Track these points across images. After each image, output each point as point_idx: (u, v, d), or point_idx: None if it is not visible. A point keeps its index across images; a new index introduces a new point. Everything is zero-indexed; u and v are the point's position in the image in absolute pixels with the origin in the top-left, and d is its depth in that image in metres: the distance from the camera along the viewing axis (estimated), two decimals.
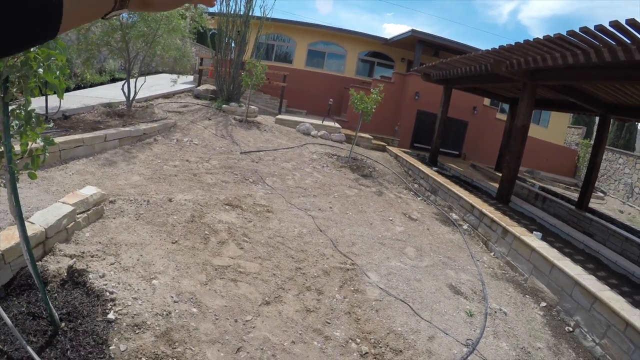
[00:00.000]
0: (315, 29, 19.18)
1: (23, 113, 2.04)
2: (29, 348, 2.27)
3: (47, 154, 2.30)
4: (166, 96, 13.01)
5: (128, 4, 0.63)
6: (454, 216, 7.82)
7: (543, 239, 5.93)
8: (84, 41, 8.43)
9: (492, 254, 6.33)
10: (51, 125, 2.51)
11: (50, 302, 2.50)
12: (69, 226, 3.81)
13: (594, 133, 11.95)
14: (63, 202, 3.95)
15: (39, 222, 3.43)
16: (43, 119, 2.13)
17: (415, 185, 10.04)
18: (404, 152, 13.31)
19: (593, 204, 13.27)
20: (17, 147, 2.10)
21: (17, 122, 2.03)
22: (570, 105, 11.70)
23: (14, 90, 1.94)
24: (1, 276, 2.88)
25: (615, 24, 5.08)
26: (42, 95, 7.39)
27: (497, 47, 7.67)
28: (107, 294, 3.10)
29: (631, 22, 4.84)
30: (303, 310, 3.67)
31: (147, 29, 8.82)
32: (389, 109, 15.90)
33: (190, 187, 6.24)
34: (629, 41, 5.35)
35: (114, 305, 3.02)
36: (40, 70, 1.91)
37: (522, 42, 6.89)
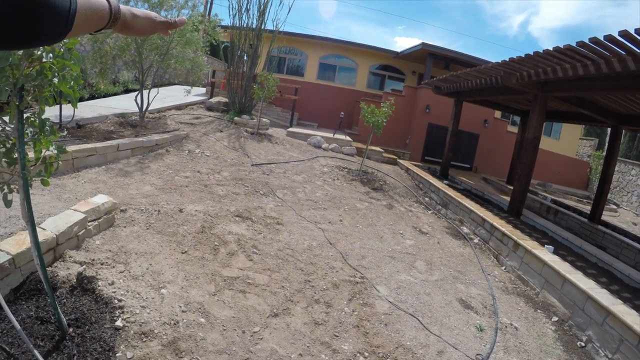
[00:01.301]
0: (327, 42, 19.35)
1: (37, 121, 2.08)
2: (36, 352, 2.28)
3: (60, 162, 2.34)
4: (179, 108, 13.15)
5: (113, 26, 0.88)
6: (465, 230, 7.76)
7: (555, 252, 5.85)
8: (98, 52, 8.59)
9: (503, 267, 6.25)
10: (65, 133, 2.55)
11: (58, 307, 2.51)
12: (80, 233, 3.84)
13: (606, 144, 11.82)
14: (75, 210, 3.99)
15: (50, 228, 3.47)
16: (57, 127, 2.17)
17: (426, 199, 9.99)
18: (415, 165, 13.28)
19: (606, 216, 13.10)
20: (30, 154, 2.14)
21: (31, 129, 2.07)
22: (582, 117, 11.65)
23: (29, 98, 1.98)
24: (11, 280, 2.91)
25: (624, 34, 5.07)
26: (57, 104, 7.51)
27: (507, 60, 7.68)
28: (116, 301, 3.11)
29: None
30: (311, 323, 3.64)
31: (161, 41, 8.96)
32: (400, 122, 15.92)
33: (201, 198, 6.27)
34: (638, 50, 5.33)
35: (122, 312, 3.02)
36: (55, 80, 1.95)
37: (532, 53, 6.89)
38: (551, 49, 6.41)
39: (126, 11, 0.92)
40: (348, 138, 14.03)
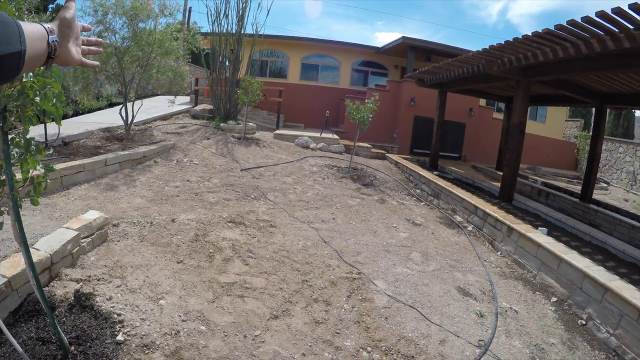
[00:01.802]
0: (308, 42, 19.35)
1: (22, 141, 2.06)
2: None
3: (49, 181, 2.32)
4: (164, 118, 13.10)
5: (50, 63, 0.95)
6: (458, 218, 7.81)
7: (549, 234, 5.91)
8: (79, 68, 8.53)
9: (498, 253, 6.31)
10: (51, 152, 2.53)
11: (58, 327, 2.50)
12: (74, 251, 3.82)
13: (592, 124, 11.96)
14: (67, 228, 3.97)
15: (43, 248, 3.45)
16: (43, 146, 2.16)
17: (418, 191, 10.04)
18: (404, 158, 13.33)
19: (597, 195, 13.26)
20: (18, 175, 2.13)
21: (17, 150, 2.06)
22: (566, 99, 11.77)
23: (12, 119, 1.97)
24: (9, 303, 2.89)
25: (601, 14, 5.14)
26: (41, 123, 7.45)
27: (487, 47, 7.73)
28: (115, 316, 3.10)
29: (617, 10, 4.90)
30: (312, 322, 3.65)
31: (142, 53, 8.92)
32: (386, 117, 15.96)
33: (193, 207, 6.26)
34: (616, 30, 5.41)
35: (123, 326, 3.02)
36: (37, 99, 1.94)
37: (512, 40, 6.94)
38: (530, 34, 6.47)
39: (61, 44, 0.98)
40: (335, 136, 14.05)
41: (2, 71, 0.73)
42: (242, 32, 13.37)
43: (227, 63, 13.80)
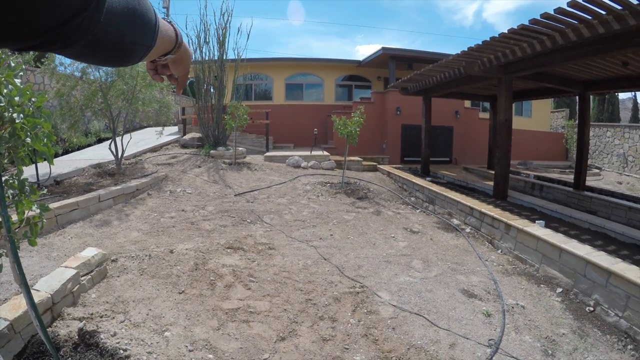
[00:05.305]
0: (290, 62, 19.55)
1: (16, 183, 2.07)
2: None
3: (45, 220, 2.32)
4: (154, 149, 13.11)
5: (177, 52, 0.90)
6: (455, 221, 7.83)
7: (546, 226, 5.95)
8: (66, 105, 8.56)
9: (499, 251, 6.32)
10: (45, 191, 2.54)
11: None
12: (75, 289, 3.79)
13: (577, 113, 12.12)
14: (66, 267, 3.94)
15: (44, 288, 3.41)
16: (35, 186, 2.16)
17: (412, 199, 10.07)
18: (396, 168, 13.39)
19: (590, 181, 13.36)
20: (14, 217, 2.12)
21: (11, 191, 2.06)
22: (549, 91, 11.91)
23: (5, 161, 1.98)
24: (12, 346, 2.85)
25: (573, 4, 5.26)
26: (33, 163, 7.44)
27: (466, 49, 7.83)
28: (121, 351, 3.07)
29: None
30: (319, 340, 3.63)
31: (126, 86, 8.96)
32: (374, 129, 16.09)
33: (190, 236, 6.23)
34: (589, 17, 5.52)
35: None
36: (29, 140, 1.96)
37: (489, 39, 7.06)
38: (506, 32, 6.59)
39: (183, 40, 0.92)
40: (325, 153, 14.12)
41: (131, 54, 0.72)
42: (224, 57, 13.50)
43: (212, 90, 13.90)
